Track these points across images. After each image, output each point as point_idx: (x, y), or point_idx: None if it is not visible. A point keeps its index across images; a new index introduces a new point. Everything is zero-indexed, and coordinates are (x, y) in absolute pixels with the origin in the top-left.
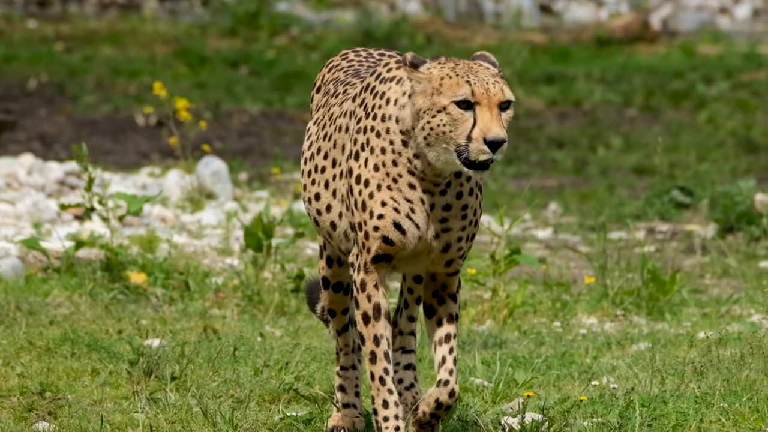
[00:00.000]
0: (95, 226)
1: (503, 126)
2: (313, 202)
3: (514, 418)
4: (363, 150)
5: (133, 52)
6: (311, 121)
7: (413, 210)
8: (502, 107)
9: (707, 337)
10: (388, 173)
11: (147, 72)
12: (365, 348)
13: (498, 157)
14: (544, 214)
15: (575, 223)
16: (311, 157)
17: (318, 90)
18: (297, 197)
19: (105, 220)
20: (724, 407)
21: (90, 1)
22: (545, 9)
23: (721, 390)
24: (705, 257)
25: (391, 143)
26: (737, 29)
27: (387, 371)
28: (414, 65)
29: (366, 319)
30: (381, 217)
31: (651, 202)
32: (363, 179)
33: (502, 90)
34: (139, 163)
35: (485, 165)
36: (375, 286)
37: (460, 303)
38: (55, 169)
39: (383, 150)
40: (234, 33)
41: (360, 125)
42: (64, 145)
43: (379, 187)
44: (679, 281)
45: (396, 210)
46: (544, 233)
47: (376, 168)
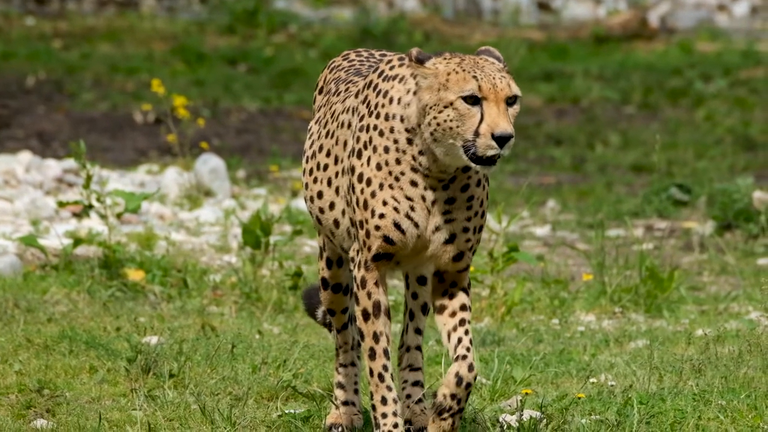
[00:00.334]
0: (93, 223)
1: (510, 121)
2: (316, 200)
3: (512, 415)
4: (365, 148)
5: (131, 49)
6: (313, 120)
7: (413, 208)
8: (508, 102)
9: (705, 335)
10: (390, 171)
11: (145, 69)
12: (365, 344)
13: (505, 153)
14: (542, 211)
15: (573, 221)
16: (313, 155)
17: (320, 91)
18: (295, 194)
19: (103, 217)
20: (722, 404)
21: None
22: (543, 6)
23: (719, 387)
24: (703, 255)
25: (395, 142)
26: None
27: (386, 368)
28: (419, 61)
29: (366, 316)
30: (382, 217)
31: (649, 199)
32: (365, 178)
33: (509, 85)
34: (137, 161)
35: (492, 160)
36: (375, 283)
37: (471, 297)
38: (53, 167)
39: (386, 149)
40: (232, 30)
41: (363, 123)
42: (62, 143)
43: (381, 186)
44: (677, 278)
45: (396, 210)
46: (542, 230)
47: (378, 167)
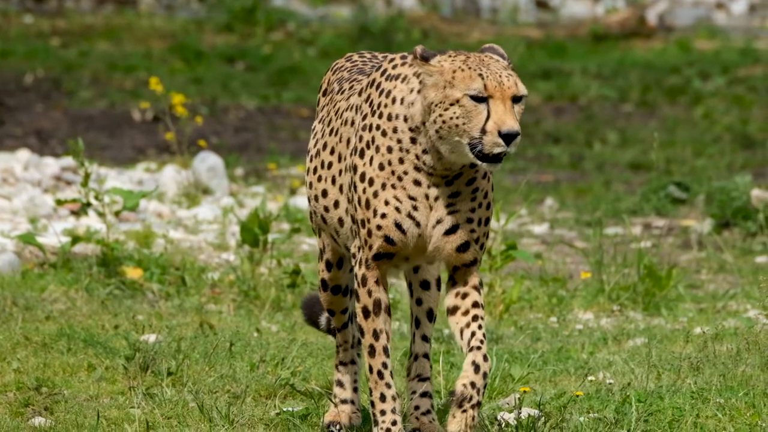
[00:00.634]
0: (91, 221)
1: (516, 119)
2: (320, 199)
3: (510, 413)
4: (368, 148)
5: (129, 47)
6: (316, 120)
7: (415, 207)
8: (514, 100)
9: (703, 333)
10: (393, 171)
11: (143, 67)
12: (364, 341)
13: (512, 150)
14: (540, 209)
15: (571, 219)
16: (317, 154)
17: (324, 93)
18: (293, 192)
19: (101, 215)
20: (720, 402)
21: None
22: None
23: (718, 385)
24: (701, 253)
25: (399, 141)
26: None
27: (386, 365)
28: (424, 58)
29: (366, 314)
30: (384, 216)
31: (647, 197)
32: (367, 177)
33: (516, 84)
34: (135, 159)
35: (499, 157)
36: (376, 282)
37: (483, 298)
38: (52, 165)
39: (389, 149)
40: (230, 28)
41: (366, 122)
42: (60, 141)
43: (384, 186)
44: (676, 277)
45: (397, 209)
46: (540, 228)
47: (381, 167)
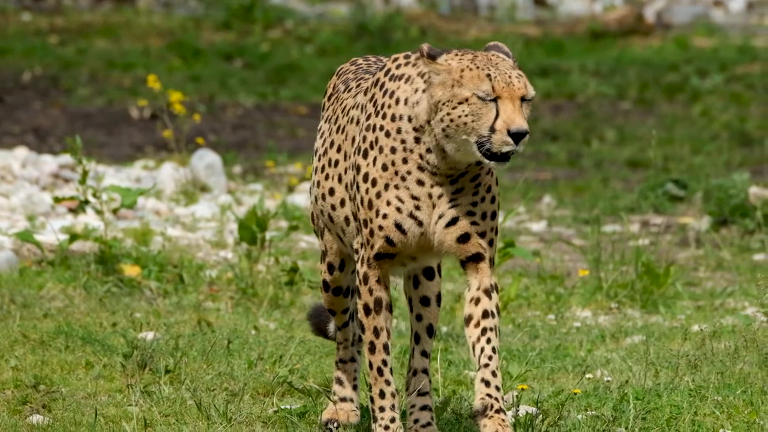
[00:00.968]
0: (89, 219)
1: (525, 118)
2: (327, 197)
3: (508, 411)
4: (372, 148)
5: (128, 44)
6: (323, 120)
7: (418, 207)
8: (522, 100)
9: (701, 330)
10: (396, 171)
11: (141, 65)
12: (365, 337)
13: (520, 149)
14: (538, 206)
15: (569, 216)
16: (325, 153)
17: (330, 98)
18: (291, 190)
19: (99, 213)
20: (718, 400)
21: None
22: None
23: (715, 383)
24: (699, 250)
25: (403, 142)
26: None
27: (385, 363)
28: (431, 56)
29: (367, 311)
30: (386, 217)
31: (645, 195)
32: (371, 178)
33: (525, 85)
34: (133, 156)
35: (507, 156)
36: (378, 280)
37: (498, 301)
38: (49, 162)
39: (393, 149)
40: (228, 26)
41: (369, 122)
42: (58, 138)
43: (387, 187)
44: (673, 274)
45: (399, 210)
46: (538, 226)
47: (384, 168)
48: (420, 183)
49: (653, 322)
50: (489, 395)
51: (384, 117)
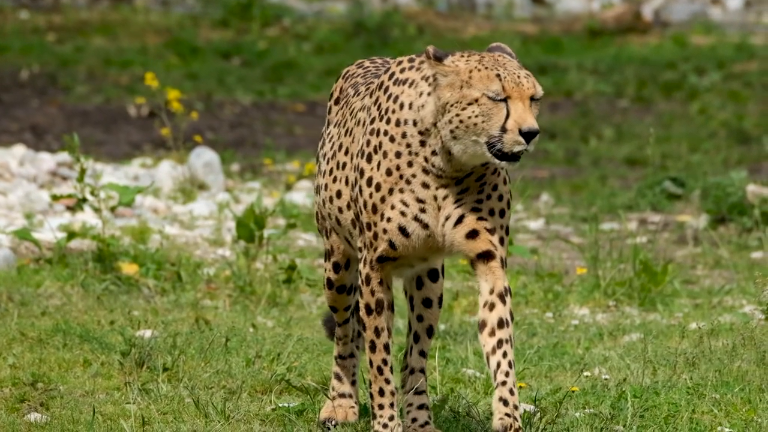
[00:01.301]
0: (87, 217)
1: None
2: (335, 200)
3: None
4: (375, 153)
5: (125, 42)
6: (331, 126)
7: (423, 210)
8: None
9: (699, 328)
10: (401, 176)
11: (139, 63)
12: (366, 336)
13: (531, 149)
14: (535, 204)
15: (567, 214)
16: (333, 156)
17: (337, 101)
18: (289, 188)
19: (97, 210)
20: (716, 398)
21: None
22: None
23: (713, 381)
24: (697, 248)
25: (408, 146)
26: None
27: (385, 362)
28: (438, 58)
29: (368, 311)
30: (390, 221)
31: (643, 193)
32: (374, 182)
33: (534, 85)
34: (131, 154)
35: (517, 156)
36: (380, 282)
37: (511, 306)
38: (47, 160)
39: (398, 154)
40: (226, 24)
41: (373, 126)
42: (55, 136)
43: (391, 191)
44: (671, 272)
45: (403, 213)
46: (535, 224)
47: (388, 172)
48: (425, 186)
49: (651, 319)
50: (508, 415)
51: (388, 122)
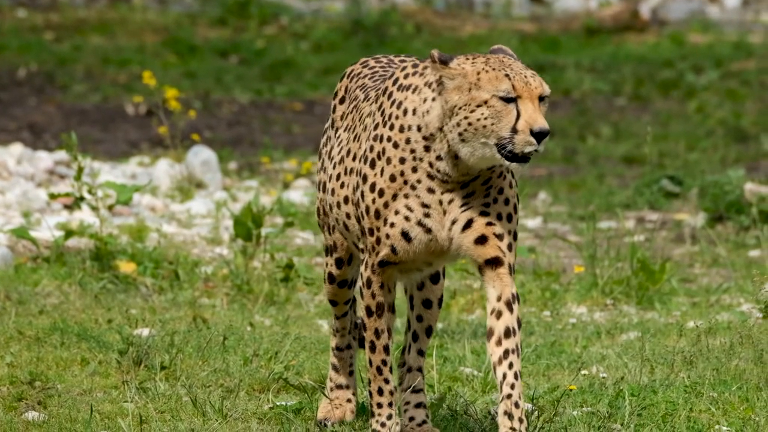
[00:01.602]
0: (85, 215)
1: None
2: (342, 205)
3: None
4: (379, 159)
5: (123, 41)
6: (340, 129)
7: (428, 214)
8: (539, 99)
9: (697, 327)
10: (406, 181)
11: (136, 61)
12: (366, 335)
13: (541, 149)
14: (533, 203)
15: (564, 213)
16: (341, 161)
17: (341, 100)
18: (287, 186)
19: (94, 209)
20: (713, 396)
21: None
22: None
23: (711, 379)
24: (694, 246)
25: (412, 152)
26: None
27: (385, 362)
28: (443, 61)
29: (369, 313)
30: (393, 226)
31: (640, 191)
32: (378, 188)
33: (541, 84)
34: (129, 153)
35: (527, 157)
36: (380, 286)
37: (518, 314)
38: (45, 159)
39: (402, 160)
40: (223, 22)
41: (377, 132)
42: (53, 135)
43: (395, 197)
44: (669, 270)
45: (407, 218)
46: (533, 222)
47: (392, 178)
48: (430, 191)
49: (649, 318)
50: (513, 429)
51: (392, 128)
